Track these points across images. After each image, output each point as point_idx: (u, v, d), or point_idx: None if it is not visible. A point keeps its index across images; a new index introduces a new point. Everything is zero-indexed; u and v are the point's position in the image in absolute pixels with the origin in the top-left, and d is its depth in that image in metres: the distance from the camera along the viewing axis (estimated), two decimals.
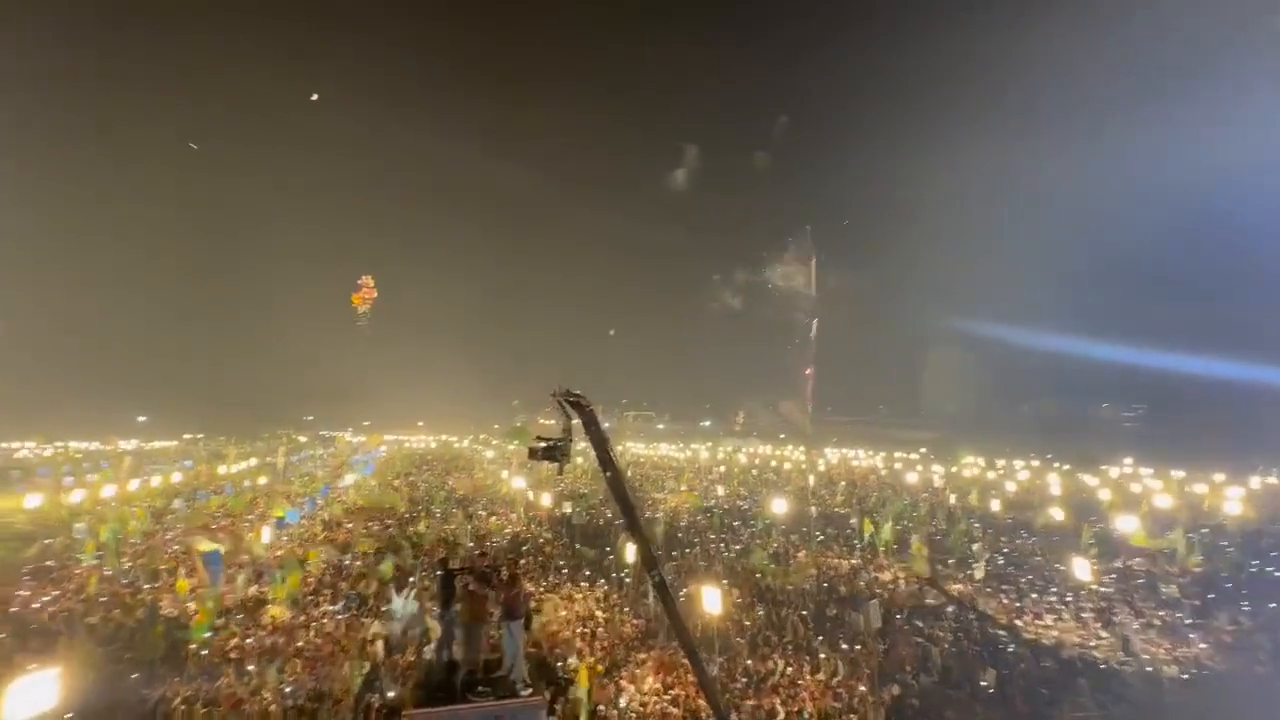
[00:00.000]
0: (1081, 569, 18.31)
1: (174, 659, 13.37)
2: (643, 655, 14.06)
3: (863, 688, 12.73)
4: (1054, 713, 12.27)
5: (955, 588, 20.16)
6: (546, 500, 31.00)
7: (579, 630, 15.34)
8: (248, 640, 14.52)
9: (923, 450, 77.44)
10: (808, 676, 13.13)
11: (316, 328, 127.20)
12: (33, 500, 29.77)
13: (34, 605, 16.69)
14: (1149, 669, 14.01)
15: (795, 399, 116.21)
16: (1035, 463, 65.02)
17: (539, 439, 7.91)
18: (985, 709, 12.39)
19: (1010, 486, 45.43)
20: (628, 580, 18.84)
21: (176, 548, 23.37)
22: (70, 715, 9.83)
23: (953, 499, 39.71)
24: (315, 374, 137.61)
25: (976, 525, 30.39)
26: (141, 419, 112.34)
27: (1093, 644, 15.66)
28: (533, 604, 15.09)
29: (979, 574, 20.95)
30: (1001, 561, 23.90)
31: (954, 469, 58.70)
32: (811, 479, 49.36)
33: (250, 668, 12.89)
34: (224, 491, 36.89)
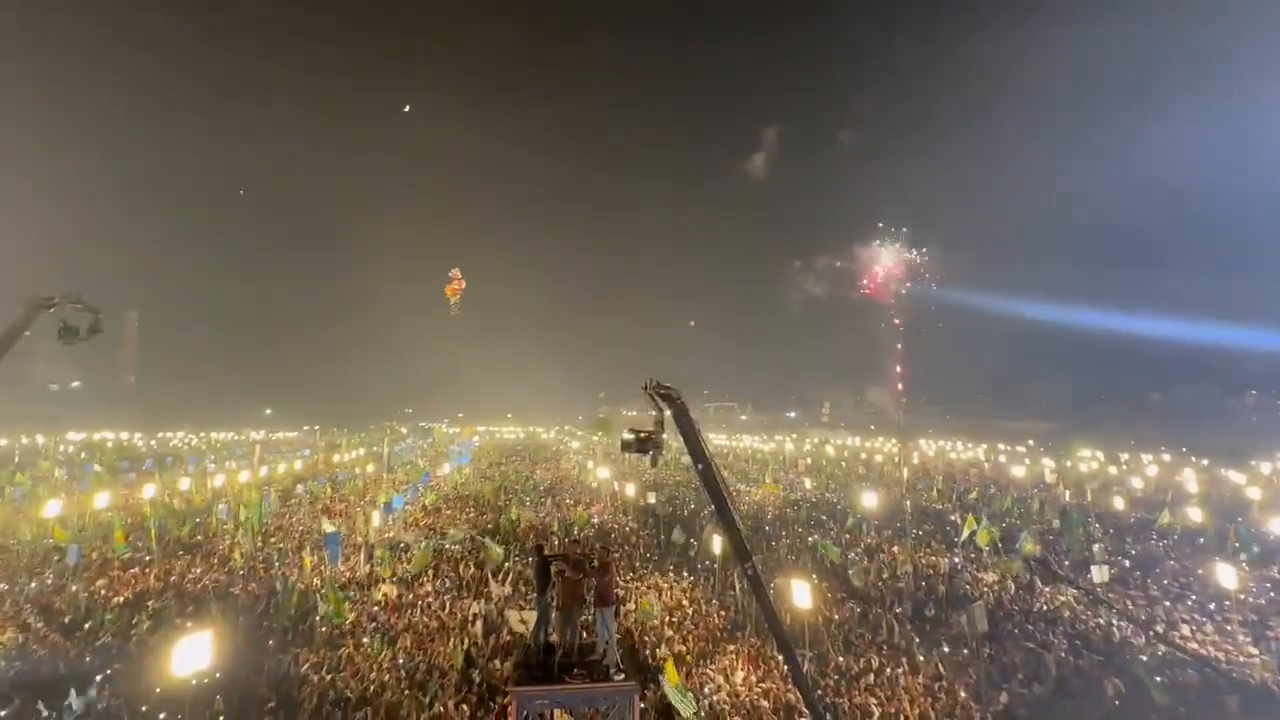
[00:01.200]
0: (1227, 575, 16.33)
1: (301, 629, 14.78)
2: (731, 647, 14.01)
3: (964, 694, 12.05)
4: None
5: (1072, 592, 18.57)
6: (631, 491, 31.46)
7: (667, 620, 15.50)
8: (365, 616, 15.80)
9: (1030, 442, 71.81)
10: (906, 677, 12.57)
11: (414, 328, 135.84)
12: (184, 484, 33.88)
13: (189, 576, 18.98)
14: None
15: (885, 389, 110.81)
16: (1167, 456, 58.57)
17: (631, 431, 8.02)
18: None
19: (1136, 483, 41.19)
20: (714, 571, 18.81)
21: (301, 529, 25.80)
22: (219, 673, 11.11)
23: (1067, 495, 36.58)
24: (414, 369, 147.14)
25: (1096, 525, 27.85)
26: (268, 412, 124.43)
27: (1241, 660, 13.93)
28: (621, 592, 15.44)
29: (1100, 577, 19.18)
30: (1128, 565, 21.79)
31: (1068, 462, 53.96)
32: (905, 472, 47.09)
33: (365, 640, 14.03)
34: (338, 478, 40.26)
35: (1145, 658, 13.94)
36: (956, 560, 22.04)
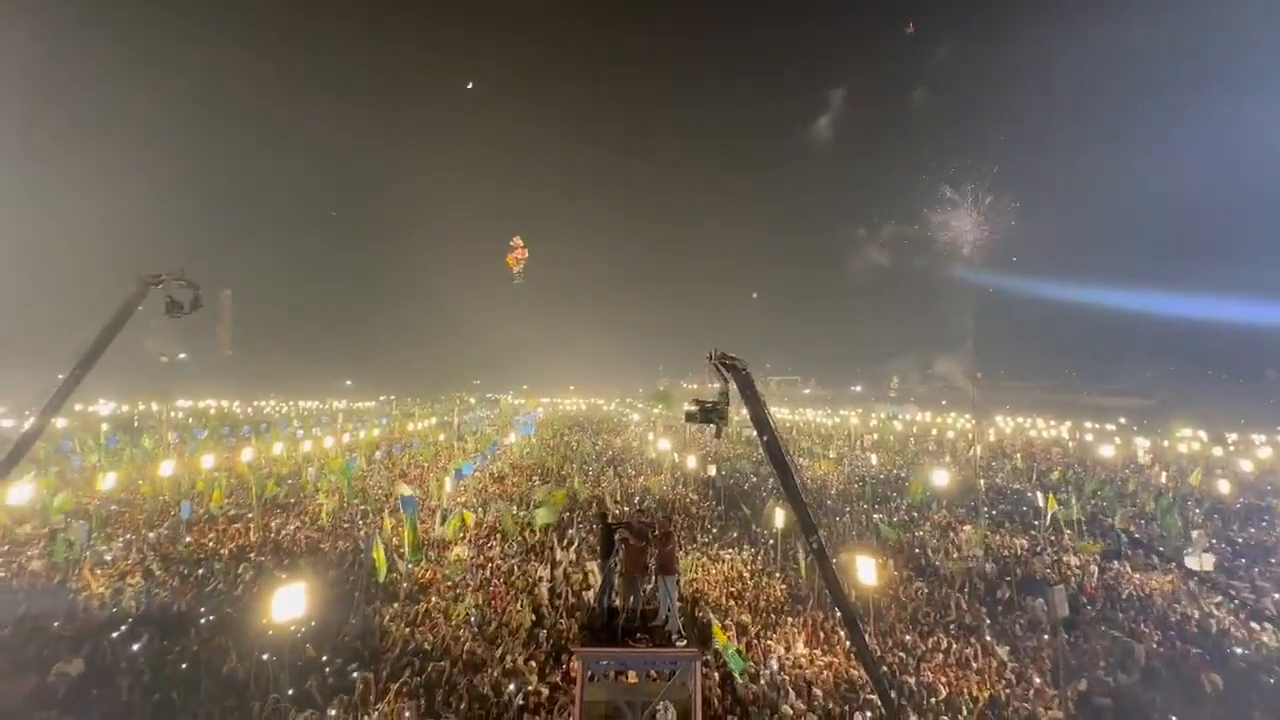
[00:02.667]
0: None
1: (384, 584, 15.84)
2: (791, 620, 13.98)
3: (1038, 680, 11.56)
4: None
5: (1167, 580, 17.35)
6: (691, 463, 31.60)
7: (727, 591, 15.61)
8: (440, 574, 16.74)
9: (1122, 420, 66.88)
10: (976, 658, 12.19)
11: (482, 303, 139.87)
12: (277, 448, 36.68)
13: (284, 532, 20.66)
14: None
15: (958, 361, 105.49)
16: None
17: (696, 402, 7.99)
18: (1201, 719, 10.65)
19: (1246, 465, 37.70)
20: (773, 544, 18.72)
21: (381, 492, 27.48)
22: (312, 621, 12.10)
23: (1163, 477, 33.96)
24: (482, 343, 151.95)
25: (1197, 509, 25.79)
26: (349, 383, 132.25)
27: None
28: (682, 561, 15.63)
29: (1199, 564, 17.79)
30: (1231, 553, 20.13)
31: (1165, 442, 49.97)
32: (978, 449, 44.97)
33: (434, 599, 14.86)
34: (413, 446, 42.47)
35: (1247, 650, 12.92)
36: (1035, 542, 20.99)
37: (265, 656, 11.22)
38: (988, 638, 13.20)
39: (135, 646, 11.83)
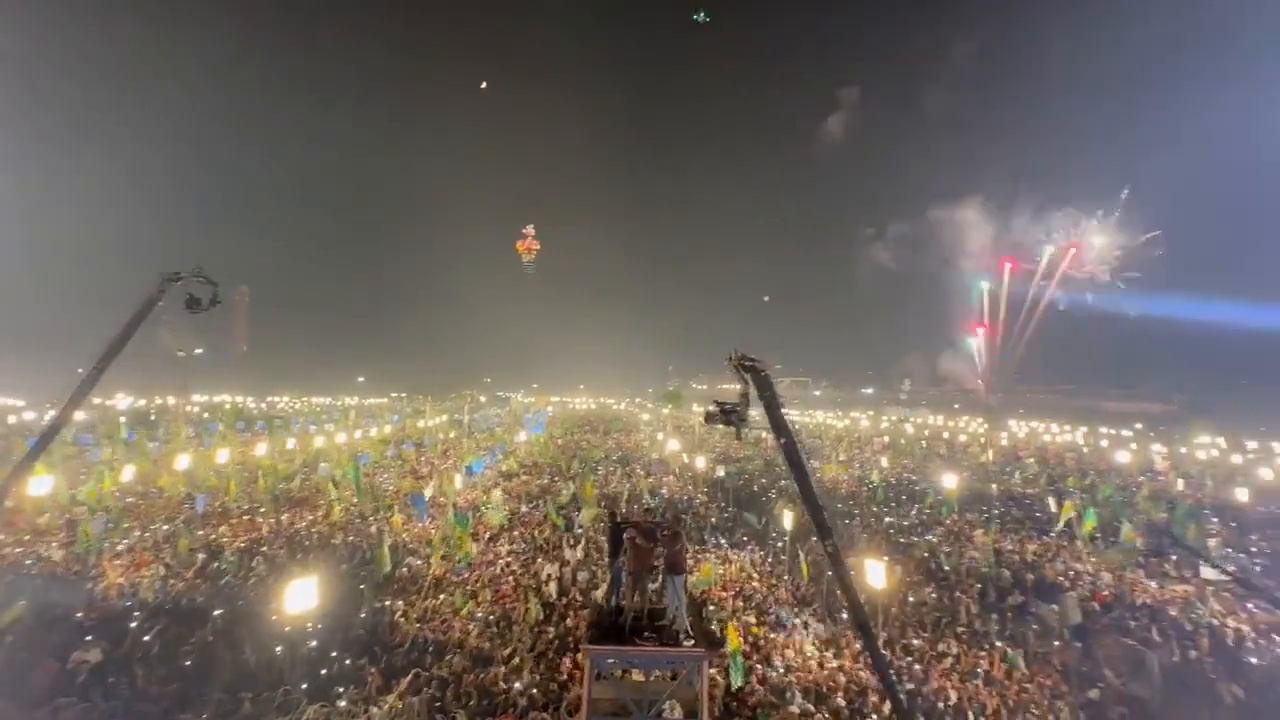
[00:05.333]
0: None
1: (393, 579, 15.99)
2: (799, 621, 13.94)
3: (1049, 685, 11.45)
4: None
5: (1182, 589, 17.09)
6: (700, 463, 31.57)
7: (734, 591, 15.59)
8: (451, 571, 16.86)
9: (1139, 426, 65.96)
10: (986, 664, 12.09)
11: (494, 302, 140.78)
12: (290, 443, 37.10)
13: (296, 526, 20.90)
14: None
15: (970, 364, 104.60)
16: None
17: (715, 403, 8.00)
18: None
19: (1266, 473, 37.05)
20: (781, 546, 18.67)
21: (392, 488, 27.71)
22: (324, 614, 12.24)
23: (1180, 484, 33.47)
24: (493, 342, 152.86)
25: (1214, 518, 25.39)
26: (360, 379, 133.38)
27: None
28: (691, 562, 15.61)
29: (1213, 574, 17.53)
30: (1250, 562, 19.81)
31: (1183, 449, 49.23)
32: (990, 454, 44.56)
33: (443, 596, 14.98)
34: (423, 443, 42.77)
35: (1264, 662, 12.71)
36: (1048, 548, 20.76)
37: (278, 649, 11.39)
38: (998, 644, 13.08)
39: (151, 636, 12.03)
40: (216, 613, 13.10)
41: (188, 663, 11.27)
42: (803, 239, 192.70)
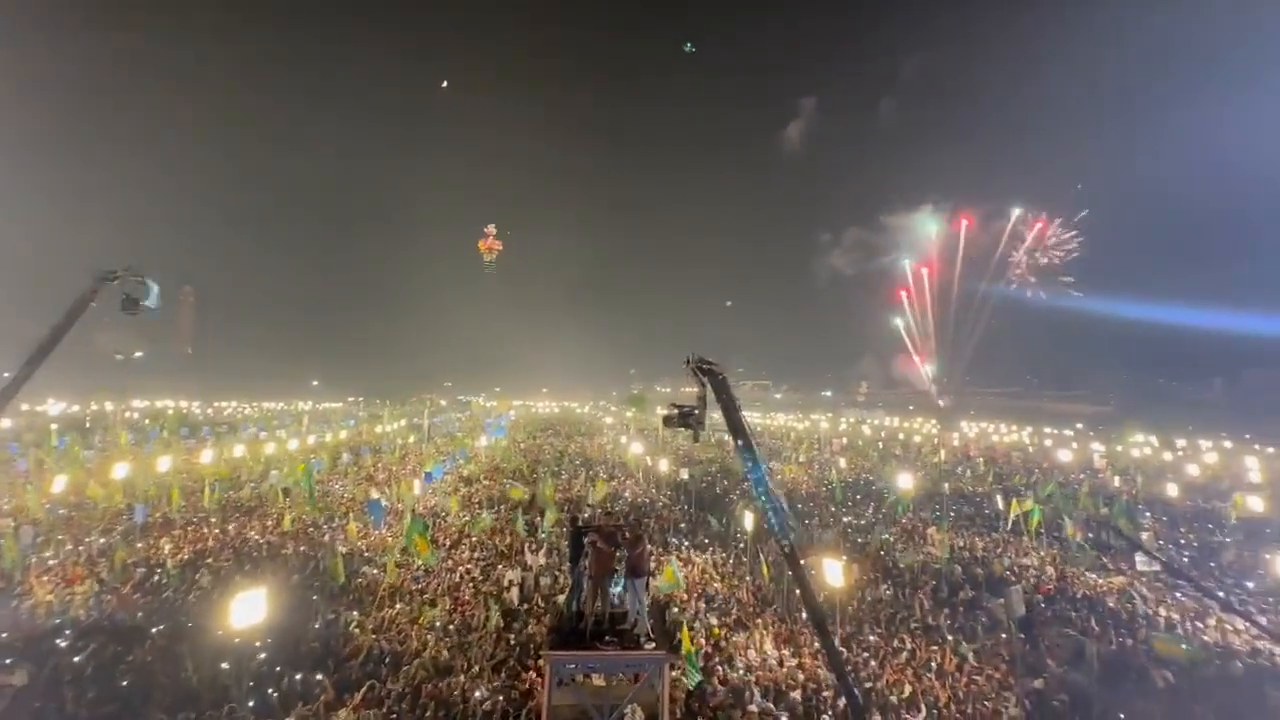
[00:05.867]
0: None
1: (348, 589, 15.51)
2: (759, 621, 14.11)
3: (997, 676, 11.89)
4: None
5: (1118, 580, 18.02)
6: (664, 466, 31.69)
7: (699, 594, 15.68)
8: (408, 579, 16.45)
9: (1079, 426, 69.28)
10: (939, 659, 12.48)
11: (455, 304, 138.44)
12: (238, 450, 35.62)
13: (244, 537, 20.06)
14: None
15: (923, 367, 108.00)
16: (1228, 444, 55.83)
17: (673, 406, 8.03)
18: (1153, 713, 11.07)
19: (1193, 470, 39.40)
20: (743, 547, 18.89)
21: (347, 495, 26.90)
22: (273, 628, 11.77)
23: (1117, 481, 35.28)
24: (454, 345, 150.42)
25: (1147, 512, 26.84)
26: (315, 383, 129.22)
27: None
28: (653, 565, 15.64)
29: (1146, 566, 18.54)
30: (1178, 553, 21.00)
31: (1119, 448, 51.92)
32: (942, 454, 46.12)
33: (400, 605, 14.60)
34: (381, 449, 41.68)
35: (1190, 647, 13.47)
36: (995, 544, 21.59)
37: (224, 665, 10.90)
38: (949, 637, 13.52)
39: (83, 656, 11.35)
40: (154, 630, 12.45)
41: (124, 683, 10.68)
42: (764, 245, 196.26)
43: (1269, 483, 33.83)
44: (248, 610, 10.15)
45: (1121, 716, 10.65)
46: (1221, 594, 16.83)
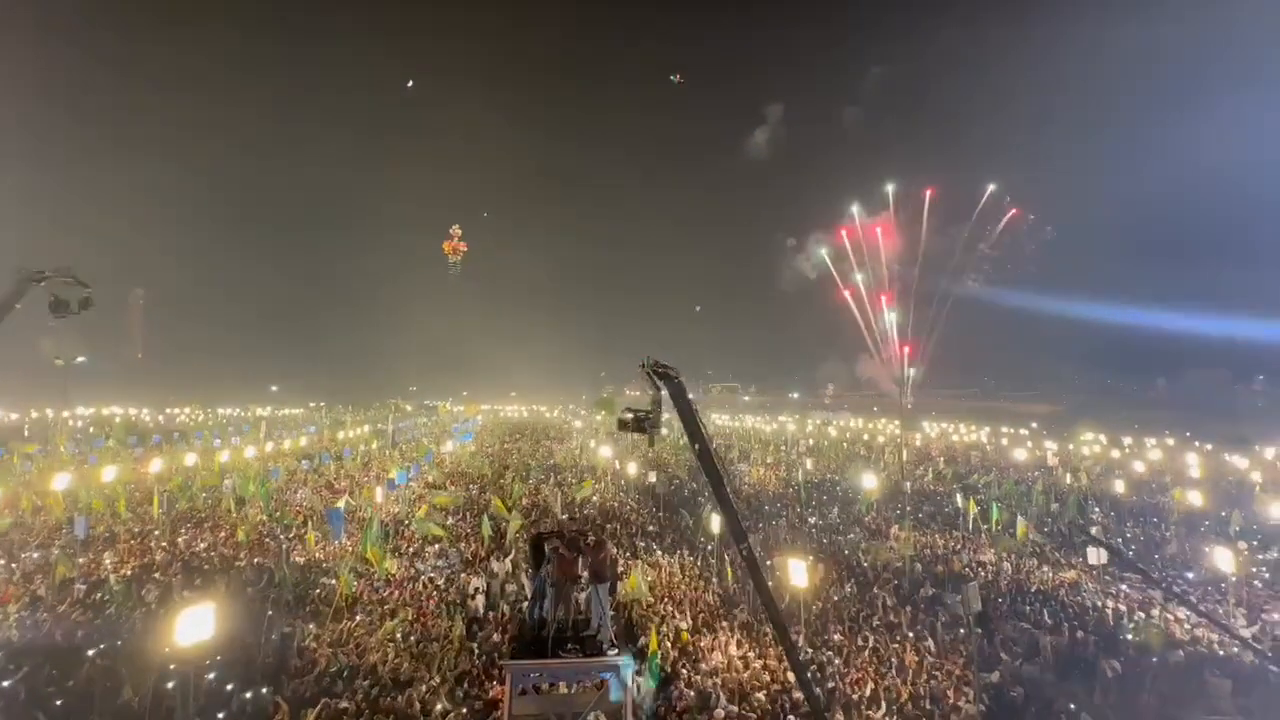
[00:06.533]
0: (1224, 559, 16.36)
1: (306, 602, 15.01)
2: (725, 624, 14.17)
3: (956, 671, 12.18)
4: (1185, 713, 11.18)
5: (1069, 574, 18.66)
6: (633, 470, 31.64)
7: (666, 597, 15.65)
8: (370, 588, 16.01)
9: (1034, 425, 71.77)
10: (901, 656, 12.71)
11: (421, 307, 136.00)
12: (191, 459, 34.23)
13: (196, 548, 19.26)
14: None
15: (886, 369, 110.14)
16: (1171, 441, 58.52)
17: (627, 410, 7.97)
18: (1103, 702, 11.48)
19: (1139, 466, 41.18)
20: (710, 550, 18.96)
21: (306, 504, 26.08)
22: (224, 644, 11.28)
23: (1069, 478, 36.62)
24: (420, 349, 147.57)
25: (1096, 508, 27.92)
26: (274, 388, 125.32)
27: (1236, 642, 14.01)
28: (620, 570, 15.56)
29: (1096, 559, 19.25)
30: (1127, 547, 21.87)
31: (1071, 446, 53.95)
32: (904, 454, 47.21)
33: (360, 616, 14.20)
34: (343, 455, 40.62)
35: (1136, 638, 14.04)
36: (954, 542, 22.16)
37: (169, 685, 10.40)
38: (909, 634, 13.78)
39: (14, 680, 10.70)
40: (90, 652, 11.80)
41: (59, 702, 10.11)
42: (732, 249, 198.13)
43: (1206, 478, 35.58)
44: (195, 626, 9.71)
45: (1071, 706, 10.99)
46: (1165, 585, 17.60)
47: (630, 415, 7.92)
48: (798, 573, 13.18)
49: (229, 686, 10.71)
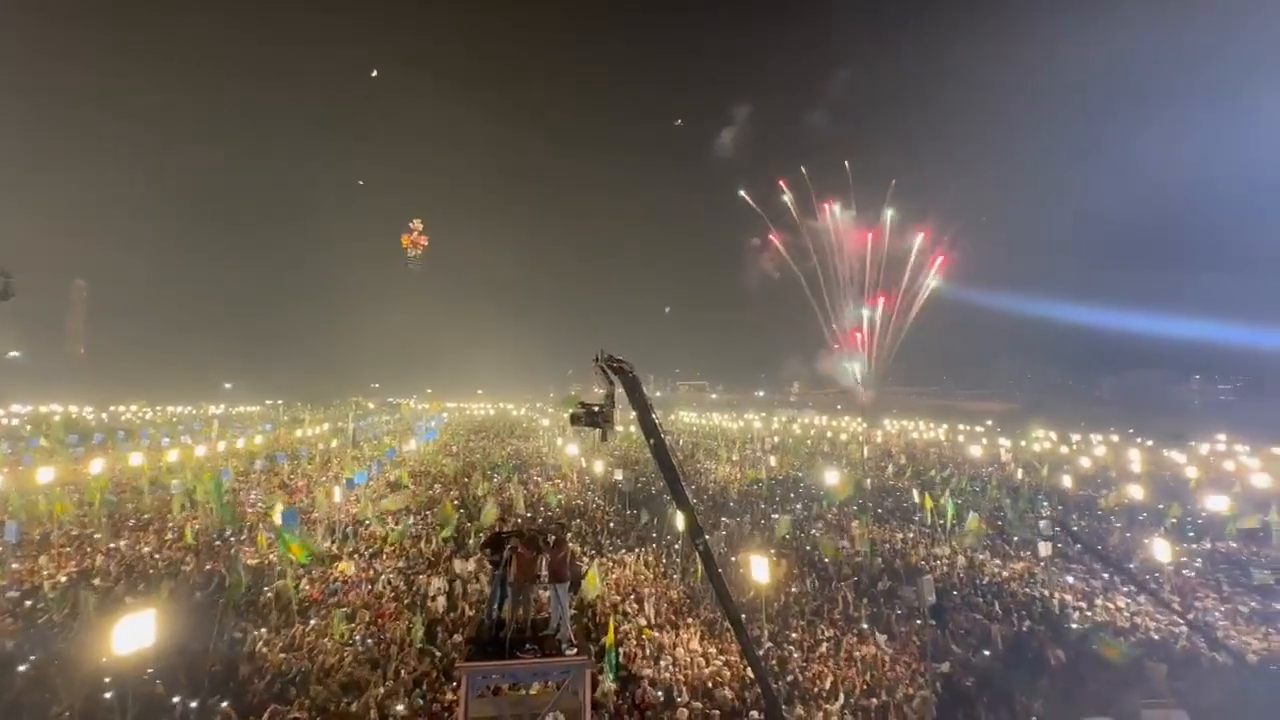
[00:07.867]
0: (1161, 550, 17.19)
1: (256, 606, 14.51)
2: (689, 620, 14.24)
3: (911, 662, 12.50)
4: (1125, 697, 11.69)
5: (1019, 566, 19.35)
6: (599, 467, 31.54)
7: (629, 596, 15.64)
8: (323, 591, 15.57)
9: (989, 423, 74.22)
10: (858, 649, 12.98)
11: (384, 303, 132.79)
12: (136, 459, 32.74)
13: (140, 551, 18.42)
14: (1233, 657, 13.09)
15: (848, 368, 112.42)
16: (1115, 438, 61.26)
17: (581, 405, 7.89)
18: (1049, 689, 11.93)
19: (1085, 462, 42.99)
20: (676, 548, 19.04)
21: (259, 505, 25.21)
22: (168, 651, 10.82)
23: (1020, 473, 37.98)
24: (383, 345, 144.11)
25: (1045, 502, 29.02)
26: (227, 385, 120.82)
27: (1172, 629, 14.74)
28: (582, 568, 15.50)
29: (1045, 552, 20.02)
30: (1072, 540, 22.77)
31: (1023, 443, 55.99)
32: (865, 451, 48.25)
33: (316, 621, 13.80)
34: (300, 454, 39.43)
35: (1080, 626, 14.65)
36: (912, 536, 22.74)
37: (107, 695, 9.91)
38: (865, 627, 14.09)
39: None
40: (21, 667, 11.17)
41: None
42: (701, 249, 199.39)
43: (1147, 474, 37.36)
44: (135, 634, 9.27)
45: (1020, 696, 11.38)
46: (1107, 575, 18.40)
47: (583, 410, 7.83)
48: (759, 569, 13.34)
49: (176, 695, 10.28)
